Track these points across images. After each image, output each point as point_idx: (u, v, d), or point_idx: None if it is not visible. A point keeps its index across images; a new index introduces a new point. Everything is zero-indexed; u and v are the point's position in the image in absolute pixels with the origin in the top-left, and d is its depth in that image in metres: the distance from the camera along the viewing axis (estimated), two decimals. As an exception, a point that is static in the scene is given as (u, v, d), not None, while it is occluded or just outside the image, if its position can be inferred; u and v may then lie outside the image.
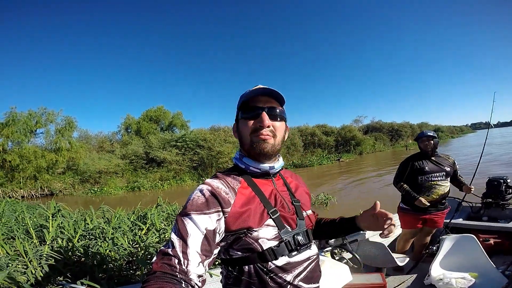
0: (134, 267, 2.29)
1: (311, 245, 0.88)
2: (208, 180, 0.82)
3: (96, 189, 20.03)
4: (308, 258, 0.84)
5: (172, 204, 5.53)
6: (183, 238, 0.67)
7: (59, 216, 3.30)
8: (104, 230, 3.08)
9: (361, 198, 9.66)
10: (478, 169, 3.18)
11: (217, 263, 2.14)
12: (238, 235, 0.76)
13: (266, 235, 0.77)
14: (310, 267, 0.84)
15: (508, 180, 3.52)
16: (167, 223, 3.78)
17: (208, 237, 0.70)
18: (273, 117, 0.85)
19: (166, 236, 3.04)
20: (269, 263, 0.76)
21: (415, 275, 2.69)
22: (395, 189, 2.96)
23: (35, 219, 3.67)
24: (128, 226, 3.50)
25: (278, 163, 0.90)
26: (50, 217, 2.95)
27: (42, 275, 1.81)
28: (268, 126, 0.83)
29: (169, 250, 0.65)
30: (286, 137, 0.93)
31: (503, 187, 3.46)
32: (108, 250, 2.46)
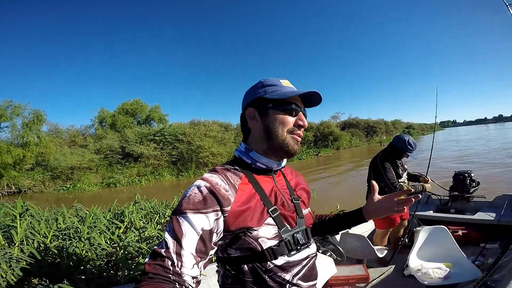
0: (114, 267, 2.20)
1: (310, 244, 0.86)
2: (206, 175, 0.76)
3: (68, 185, 19.13)
4: (307, 257, 0.83)
5: (150, 201, 5.35)
6: (177, 238, 0.64)
7: (28, 216, 3.08)
8: (79, 230, 2.94)
9: (341, 192, 9.94)
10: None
11: (213, 259, 2.11)
12: (237, 234, 0.73)
13: (266, 234, 0.75)
14: (308, 265, 0.83)
15: (472, 174, 3.67)
16: (146, 221, 3.66)
17: (204, 238, 0.67)
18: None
19: (146, 235, 2.94)
20: (268, 262, 0.75)
21: (393, 266, 2.77)
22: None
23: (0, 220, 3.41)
24: (104, 225, 3.36)
25: (284, 161, 0.88)
26: (18, 217, 2.75)
27: (14, 278, 1.68)
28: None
29: (162, 251, 0.63)
30: None
31: (468, 180, 3.61)
32: (84, 251, 2.34)
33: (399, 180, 2.86)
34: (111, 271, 2.16)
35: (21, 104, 20.11)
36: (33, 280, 1.78)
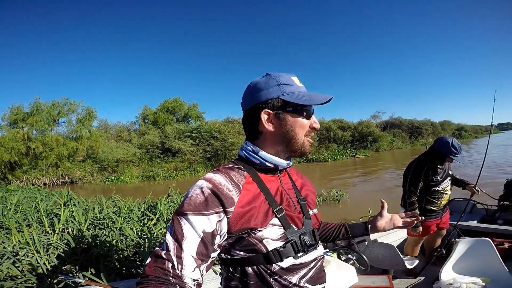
0: (140, 258, 2.29)
1: (317, 245, 0.82)
2: (209, 175, 0.73)
3: (113, 177, 20.66)
4: (315, 259, 0.80)
5: (183, 195, 5.55)
6: (178, 240, 0.63)
7: (71, 205, 3.37)
8: (113, 220, 3.12)
9: (375, 196, 9.39)
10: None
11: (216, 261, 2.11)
12: (241, 235, 0.71)
13: (271, 235, 0.72)
14: (315, 268, 0.79)
15: None
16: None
17: (206, 240, 0.65)
18: None
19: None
20: (274, 264, 0.71)
21: (422, 278, 2.62)
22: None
23: (49, 207, 3.79)
24: (137, 216, 3.54)
25: (292, 160, 0.85)
26: (62, 206, 3.01)
27: (47, 265, 1.83)
28: None
29: (163, 253, 0.62)
30: None
31: None
32: (115, 241, 2.48)
33: (440, 186, 2.60)
34: (137, 262, 2.25)
35: (75, 102, 22.23)
36: (64, 267, 1.91)
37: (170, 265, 0.61)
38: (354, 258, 2.09)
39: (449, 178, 2.70)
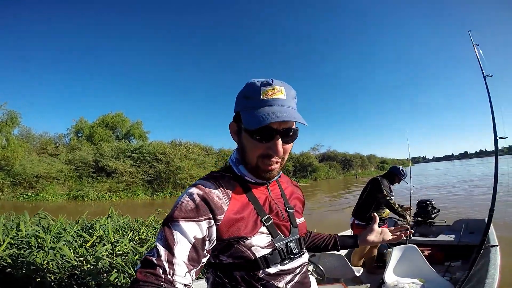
0: (78, 281, 1.95)
1: (303, 253, 0.85)
2: (199, 182, 0.74)
3: (30, 194, 17.83)
4: (300, 266, 0.82)
5: (124, 217, 5.01)
6: (169, 247, 0.62)
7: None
8: (39, 239, 2.65)
9: (315, 217, 9.86)
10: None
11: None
12: (230, 242, 0.72)
13: (259, 243, 0.74)
14: (300, 273, 0.82)
15: (433, 202, 4.14)
16: (118, 236, 3.40)
17: (197, 246, 0.65)
18: (287, 140, 0.74)
19: (118, 250, 2.69)
20: (261, 270, 0.73)
21: (369, 284, 2.92)
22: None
23: None
24: (71, 235, 3.06)
25: (277, 174, 0.82)
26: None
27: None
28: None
29: (154, 259, 0.61)
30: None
31: (430, 207, 4.06)
32: (46, 261, 2.08)
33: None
34: (74, 285, 1.92)
35: (-4, 104, 19.05)
36: None
37: (161, 270, 0.60)
38: (312, 268, 2.24)
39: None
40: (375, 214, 1.13)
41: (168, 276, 0.60)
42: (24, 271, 1.87)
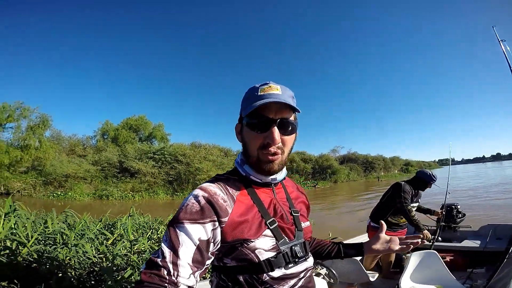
0: (97, 277, 2.02)
1: (308, 257, 0.83)
2: (205, 185, 0.75)
3: (59, 193, 18.83)
4: (304, 270, 0.81)
5: (144, 216, 5.18)
6: (174, 248, 0.63)
7: (14, 217, 2.93)
8: (64, 236, 2.78)
9: (334, 223, 9.65)
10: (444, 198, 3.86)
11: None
12: (234, 245, 0.72)
13: (263, 245, 0.73)
14: (305, 278, 0.81)
15: (459, 206, 3.97)
16: (138, 235, 3.51)
17: (201, 248, 0.66)
18: (284, 131, 0.75)
19: (137, 248, 2.77)
20: (265, 274, 0.73)
21: None
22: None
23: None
24: (94, 233, 3.19)
25: (281, 175, 0.84)
26: (2, 217, 2.61)
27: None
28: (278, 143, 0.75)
29: (159, 260, 0.62)
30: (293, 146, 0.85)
31: (455, 212, 3.90)
32: (68, 258, 2.18)
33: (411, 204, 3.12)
34: (92, 281, 1.99)
35: (30, 107, 20.42)
36: (2, 283, 1.62)
37: (166, 272, 0.61)
38: (324, 272, 2.21)
39: (418, 204, 3.30)
40: (382, 221, 1.06)
41: (173, 278, 0.60)
42: (47, 266, 1.96)
